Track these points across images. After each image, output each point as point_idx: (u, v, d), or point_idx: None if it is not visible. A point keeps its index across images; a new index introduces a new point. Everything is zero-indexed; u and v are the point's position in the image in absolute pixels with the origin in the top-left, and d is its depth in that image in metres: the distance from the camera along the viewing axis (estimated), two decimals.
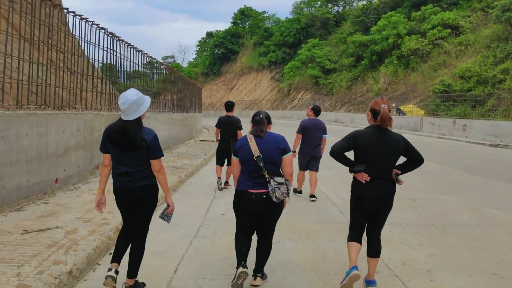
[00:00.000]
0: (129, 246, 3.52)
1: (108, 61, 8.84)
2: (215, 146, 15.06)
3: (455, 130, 24.36)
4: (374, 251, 3.70)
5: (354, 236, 3.67)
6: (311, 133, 7.14)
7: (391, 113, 3.53)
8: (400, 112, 32.96)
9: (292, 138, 6.70)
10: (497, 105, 27.26)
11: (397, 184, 3.63)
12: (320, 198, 7.31)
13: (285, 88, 58.40)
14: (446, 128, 25.32)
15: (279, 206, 3.58)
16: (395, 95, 39.20)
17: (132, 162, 3.32)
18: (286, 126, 26.10)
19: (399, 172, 3.63)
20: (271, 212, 3.57)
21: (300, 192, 7.55)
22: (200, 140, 17.25)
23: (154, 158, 3.36)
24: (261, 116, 3.65)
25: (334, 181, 9.00)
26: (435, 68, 36.64)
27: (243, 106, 63.87)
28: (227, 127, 7.92)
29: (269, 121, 3.71)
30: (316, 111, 7.28)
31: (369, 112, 3.60)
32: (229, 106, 8.00)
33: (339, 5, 60.61)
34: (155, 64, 14.02)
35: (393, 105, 35.22)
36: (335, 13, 59.51)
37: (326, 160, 6.31)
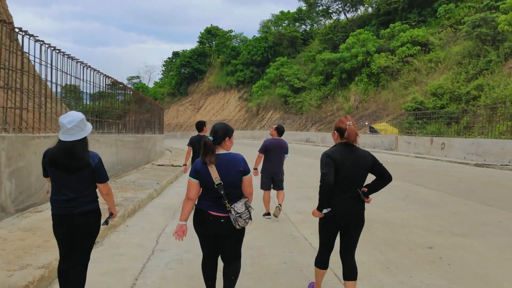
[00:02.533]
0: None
1: (61, 81, 8.36)
2: (172, 172, 13.22)
3: (432, 149, 23.16)
4: (351, 273, 3.59)
5: (322, 258, 3.67)
6: (274, 153, 7.09)
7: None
8: (373, 130, 31.77)
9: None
10: (472, 122, 26.43)
11: (365, 203, 3.62)
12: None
13: (254, 108, 56.83)
14: (423, 146, 24.13)
15: (241, 229, 3.42)
16: (366, 113, 38.22)
17: (76, 186, 3.19)
18: (255, 146, 24.19)
19: (366, 189, 3.63)
20: (236, 233, 3.41)
21: (269, 213, 7.24)
22: (158, 165, 15.08)
23: (101, 182, 3.31)
24: (209, 138, 3.40)
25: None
26: (406, 85, 35.93)
27: (210, 126, 61.57)
28: (199, 148, 6.39)
29: (227, 135, 3.44)
30: (280, 131, 7.22)
31: (335, 131, 3.64)
32: (199, 126, 7.74)
33: (307, 24, 59.98)
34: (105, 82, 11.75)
35: (366, 123, 34.12)
36: (303, 32, 58.79)
37: None
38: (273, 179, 7.16)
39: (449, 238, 5.90)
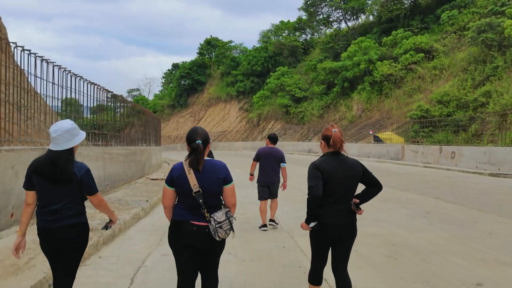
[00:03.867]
0: None
1: (56, 95, 8.21)
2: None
3: (442, 158, 22.08)
4: (344, 286, 3.44)
5: (315, 273, 3.54)
6: (265, 161, 7.10)
7: (344, 138, 3.48)
8: (378, 139, 30.71)
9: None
10: (481, 129, 25.43)
11: (357, 214, 3.48)
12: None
13: (255, 118, 55.89)
14: (432, 156, 23.05)
15: (223, 240, 3.17)
16: (370, 122, 37.25)
17: (61, 197, 3.06)
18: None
19: (358, 201, 3.48)
20: (216, 247, 3.15)
21: (265, 225, 7.09)
22: (152, 179, 14.02)
23: (90, 194, 3.18)
24: (197, 142, 3.12)
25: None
26: (410, 93, 35.00)
27: (211, 138, 60.73)
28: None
29: (207, 141, 3.23)
30: (272, 139, 7.26)
31: (322, 141, 3.55)
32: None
33: (307, 33, 59.25)
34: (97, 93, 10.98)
35: (370, 132, 33.10)
36: (303, 41, 58.05)
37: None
38: (269, 187, 7.13)
39: (498, 270, 4.82)
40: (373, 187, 3.54)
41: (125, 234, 6.57)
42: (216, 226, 3.03)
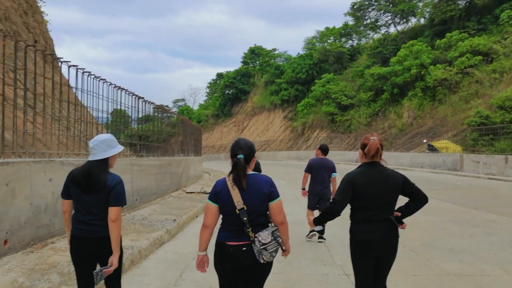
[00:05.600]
0: None
1: (101, 107, 8.43)
2: (201, 202, 10.95)
3: (508, 169, 19.87)
4: None
5: None
6: (317, 172, 7.07)
7: (382, 147, 3.28)
8: (432, 148, 28.53)
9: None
10: None
11: (399, 229, 3.26)
12: None
13: (299, 127, 54.50)
14: (495, 166, 20.84)
15: (268, 262, 2.89)
16: (422, 130, 34.93)
17: (94, 208, 3.10)
18: (300, 167, 21.85)
19: (399, 214, 3.28)
20: (256, 269, 2.87)
21: (313, 231, 6.91)
22: (187, 192, 13.11)
23: (113, 205, 3.09)
24: (239, 156, 2.94)
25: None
26: (467, 99, 32.49)
27: (255, 147, 59.97)
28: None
29: (251, 155, 3.03)
30: (324, 150, 7.27)
31: (360, 150, 3.37)
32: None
33: (353, 39, 57.33)
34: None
35: (424, 141, 30.93)
36: (349, 47, 56.18)
37: None
38: (319, 199, 7.06)
39: None
40: (417, 199, 3.27)
41: (138, 266, 5.43)
42: (261, 247, 2.81)
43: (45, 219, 6.00)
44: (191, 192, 13.08)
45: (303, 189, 7.29)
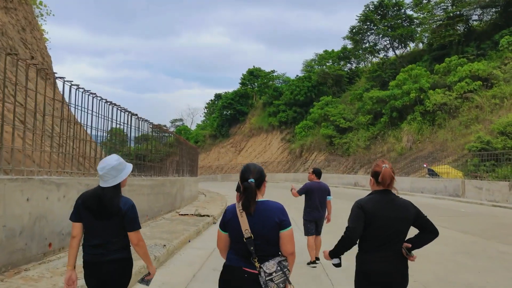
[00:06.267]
0: None
1: (97, 126, 8.37)
2: (195, 226, 10.26)
3: None
4: None
5: None
6: (315, 196, 7.01)
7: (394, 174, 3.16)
8: (432, 173, 28.03)
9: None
10: None
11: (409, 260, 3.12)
12: None
13: (297, 149, 54.04)
14: (499, 193, 20.32)
15: None
16: (421, 155, 34.53)
17: (105, 232, 3.09)
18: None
19: (409, 245, 3.13)
20: None
21: (314, 262, 6.85)
22: (180, 214, 12.49)
23: (131, 230, 3.13)
24: (250, 180, 2.79)
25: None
26: (467, 124, 32.23)
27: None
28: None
29: (262, 180, 2.88)
30: (318, 173, 7.30)
31: (371, 177, 3.24)
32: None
33: (352, 62, 57.45)
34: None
35: (424, 165, 30.46)
36: (348, 70, 56.27)
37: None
38: (316, 223, 7.04)
39: None
40: (427, 232, 3.17)
41: None
42: (266, 278, 2.67)
43: (20, 243, 5.42)
44: (185, 214, 12.45)
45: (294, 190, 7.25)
